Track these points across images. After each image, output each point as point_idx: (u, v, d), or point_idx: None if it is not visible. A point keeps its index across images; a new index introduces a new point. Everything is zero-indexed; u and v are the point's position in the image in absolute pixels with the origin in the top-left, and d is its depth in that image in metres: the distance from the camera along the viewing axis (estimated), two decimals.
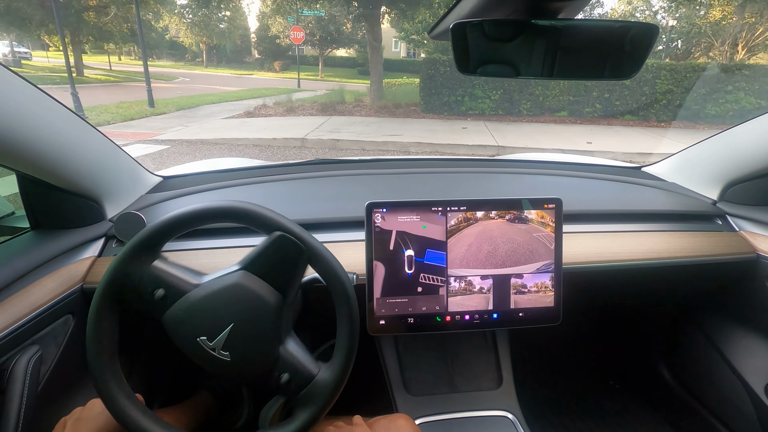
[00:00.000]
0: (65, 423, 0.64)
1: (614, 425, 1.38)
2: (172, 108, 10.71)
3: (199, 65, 31.91)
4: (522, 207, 0.85)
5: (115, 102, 10.85)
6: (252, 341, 0.62)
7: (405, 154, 6.95)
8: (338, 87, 14.38)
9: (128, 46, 27.66)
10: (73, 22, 17.16)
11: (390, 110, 10.74)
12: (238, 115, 10.20)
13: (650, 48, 0.58)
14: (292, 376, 0.62)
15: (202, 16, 25.29)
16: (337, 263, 0.64)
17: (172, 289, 0.62)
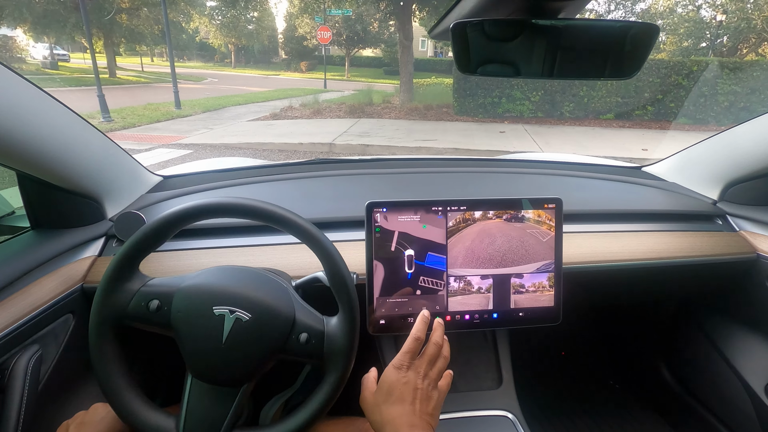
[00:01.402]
0: (68, 426, 0.64)
1: (614, 425, 1.37)
2: (198, 110, 10.57)
3: (227, 66, 32.33)
4: (522, 207, 0.84)
5: (143, 104, 10.81)
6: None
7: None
8: (365, 87, 13.95)
9: (160, 47, 28.24)
10: (107, 24, 17.47)
11: (421, 112, 10.24)
12: (263, 117, 9.95)
13: (651, 47, 0.58)
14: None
15: (231, 17, 25.65)
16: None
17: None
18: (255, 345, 0.61)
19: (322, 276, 0.72)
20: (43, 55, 21.45)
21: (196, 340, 0.60)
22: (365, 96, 12.37)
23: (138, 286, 0.62)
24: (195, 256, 0.87)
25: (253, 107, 11.81)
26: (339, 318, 0.65)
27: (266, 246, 0.90)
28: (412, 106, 10.69)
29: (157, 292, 0.62)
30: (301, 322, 0.63)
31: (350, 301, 0.64)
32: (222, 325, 0.60)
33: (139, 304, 0.61)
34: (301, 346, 0.62)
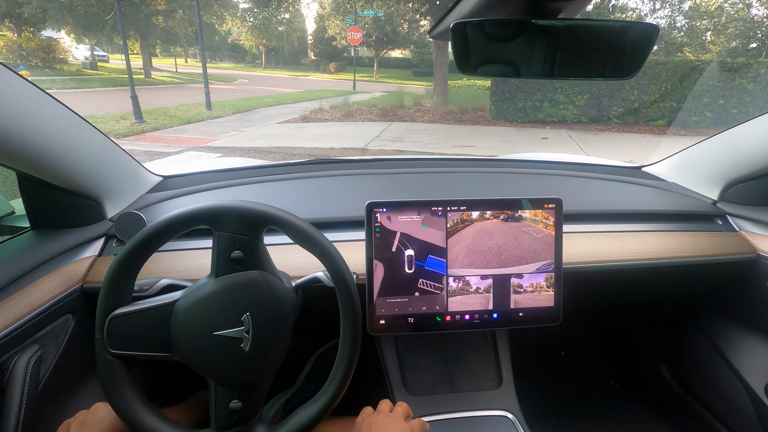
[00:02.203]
0: (69, 426, 0.64)
1: (614, 425, 1.36)
2: (228, 111, 10.49)
3: (257, 67, 32.74)
4: (522, 207, 0.83)
5: (176, 104, 10.82)
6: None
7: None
8: (395, 89, 13.59)
9: (194, 48, 28.84)
10: (143, 26, 17.85)
11: (456, 116, 9.79)
12: (293, 119, 9.74)
13: (650, 48, 0.57)
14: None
15: (263, 19, 25.97)
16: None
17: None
18: (217, 362, 0.60)
19: (322, 276, 0.72)
20: (84, 56, 22.15)
21: (210, 306, 0.60)
22: (396, 98, 11.99)
23: (252, 234, 0.62)
24: (195, 257, 0.87)
25: (283, 109, 11.66)
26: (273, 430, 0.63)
27: (266, 246, 0.90)
28: (446, 110, 10.24)
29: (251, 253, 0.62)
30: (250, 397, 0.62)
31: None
32: (230, 326, 0.59)
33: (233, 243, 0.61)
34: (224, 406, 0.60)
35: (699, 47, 16.45)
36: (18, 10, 16.06)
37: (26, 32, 17.43)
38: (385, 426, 0.65)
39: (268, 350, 0.62)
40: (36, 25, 17.45)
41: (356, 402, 0.77)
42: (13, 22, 17.10)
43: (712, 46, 16.74)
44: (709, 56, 12.34)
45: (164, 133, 7.92)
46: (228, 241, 0.61)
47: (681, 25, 17.35)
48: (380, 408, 0.70)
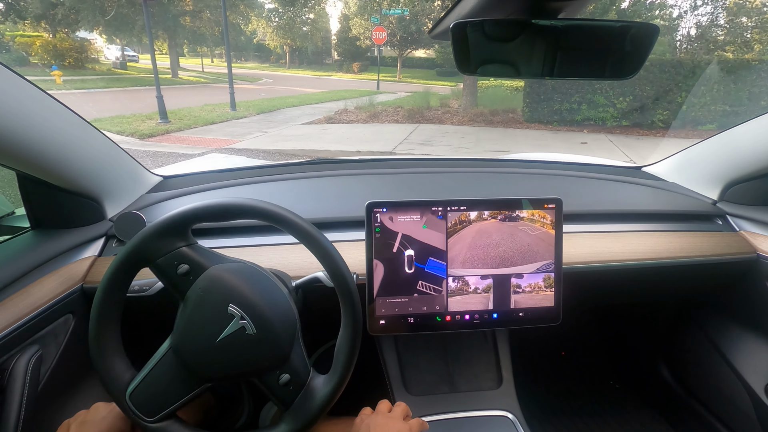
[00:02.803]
0: (69, 425, 0.63)
1: (614, 425, 1.36)
2: (252, 111, 10.38)
3: (282, 67, 33.01)
4: (522, 207, 0.83)
5: (201, 104, 10.79)
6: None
7: None
8: (421, 89, 13.22)
9: (220, 48, 29.26)
10: (171, 27, 18.09)
11: (486, 118, 9.37)
12: (318, 121, 9.52)
13: (650, 48, 0.57)
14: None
15: (288, 19, 26.13)
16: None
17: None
18: (241, 359, 0.60)
19: (322, 276, 0.72)
20: (115, 56, 22.71)
21: (197, 322, 0.60)
22: (422, 99, 11.61)
23: (181, 244, 0.63)
24: None
25: (307, 109, 11.48)
26: (327, 379, 0.64)
27: (266, 246, 0.89)
28: (476, 111, 9.81)
29: (193, 260, 0.62)
30: (291, 364, 0.62)
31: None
32: (226, 324, 0.60)
33: (171, 262, 0.61)
34: (277, 386, 0.62)
35: (743, 46, 15.39)
36: (52, 11, 16.49)
37: (61, 33, 17.91)
38: (383, 426, 0.65)
39: (272, 319, 0.62)
40: (70, 26, 17.91)
41: (356, 402, 0.78)
42: (49, 23, 17.59)
43: (758, 45, 15.70)
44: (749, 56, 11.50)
45: (188, 133, 7.82)
46: (166, 264, 0.61)
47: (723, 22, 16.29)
48: (379, 408, 0.70)
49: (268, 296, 0.63)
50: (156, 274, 0.62)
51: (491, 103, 10.30)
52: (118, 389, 0.60)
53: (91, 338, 0.60)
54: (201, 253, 0.64)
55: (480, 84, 12.38)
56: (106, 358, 0.61)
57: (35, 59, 16.14)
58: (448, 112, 10.19)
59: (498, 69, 0.61)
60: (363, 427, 0.66)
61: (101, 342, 0.61)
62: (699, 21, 14.28)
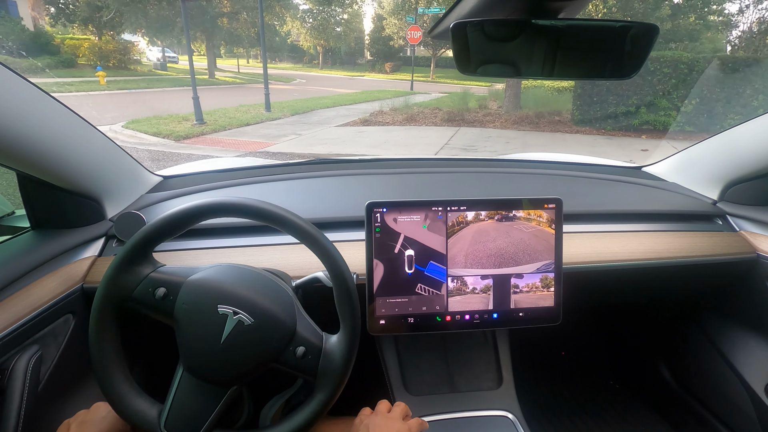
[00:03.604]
0: (69, 425, 0.63)
1: (614, 425, 1.36)
2: (287, 112, 10.22)
3: (314, 67, 33.28)
4: (522, 207, 0.83)
5: (236, 105, 10.74)
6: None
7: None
8: (460, 90, 12.68)
9: (255, 49, 29.73)
10: (209, 28, 18.40)
11: (531, 121, 8.77)
12: (353, 123, 9.22)
13: (650, 48, 0.57)
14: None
15: (321, 20, 26.25)
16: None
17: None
18: (252, 350, 0.61)
19: (322, 276, 0.72)
20: (156, 58, 23.41)
21: (196, 335, 0.60)
22: (461, 100, 11.09)
23: (148, 271, 0.62)
24: (195, 256, 0.87)
25: (342, 110, 11.22)
26: (339, 336, 0.64)
27: (266, 246, 0.89)
28: (521, 114, 9.22)
29: (166, 280, 0.62)
30: (301, 336, 0.63)
31: (352, 306, 0.64)
32: (223, 325, 0.60)
33: (146, 289, 0.61)
34: (296, 359, 0.62)
35: None
36: (98, 14, 17.10)
37: (106, 35, 18.57)
38: (383, 427, 0.65)
39: (263, 301, 0.62)
40: (115, 29, 18.55)
41: (356, 402, 0.78)
42: (95, 26, 18.27)
43: None
44: None
45: (223, 135, 7.71)
46: (142, 295, 0.61)
47: None
48: (378, 408, 0.70)
49: (253, 284, 0.63)
50: (137, 308, 0.61)
51: (535, 105, 9.66)
52: (151, 426, 0.60)
53: (105, 386, 0.60)
54: (171, 271, 0.63)
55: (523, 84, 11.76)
56: (127, 401, 0.60)
57: (82, 60, 16.78)
58: (489, 114, 9.64)
59: (498, 69, 0.60)
60: (362, 428, 0.66)
61: (115, 387, 0.60)
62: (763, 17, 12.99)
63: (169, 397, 0.61)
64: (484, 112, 9.93)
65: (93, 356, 0.59)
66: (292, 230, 0.63)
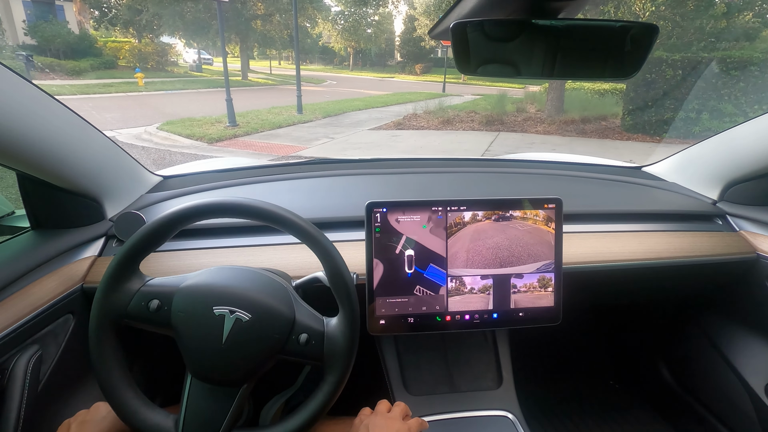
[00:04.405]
0: (69, 425, 0.63)
1: (614, 425, 1.35)
2: (318, 114, 10.06)
3: (345, 68, 33.43)
4: (522, 207, 0.83)
5: (268, 107, 10.69)
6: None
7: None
8: (497, 93, 12.16)
9: (287, 51, 30.02)
10: (243, 30, 18.63)
11: (577, 127, 8.20)
12: (386, 126, 8.94)
13: (650, 48, 0.57)
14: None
15: (353, 21, 26.33)
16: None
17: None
18: (255, 345, 0.61)
19: (322, 276, 0.72)
20: (192, 59, 23.99)
21: (196, 340, 0.60)
22: (498, 103, 10.60)
23: (138, 286, 0.62)
24: (195, 256, 0.87)
25: (374, 113, 10.98)
26: (339, 318, 0.64)
27: (266, 246, 0.89)
28: (565, 119, 8.67)
29: (157, 292, 0.62)
30: (301, 323, 0.63)
31: (351, 302, 0.64)
32: (222, 326, 0.60)
33: (140, 304, 0.61)
34: (300, 347, 0.62)
35: None
36: (138, 18, 17.61)
37: (146, 38, 19.13)
38: (382, 427, 0.65)
39: (256, 294, 0.62)
40: (154, 32, 19.09)
41: (356, 402, 0.77)
42: (135, 29, 18.83)
43: None
44: None
45: (255, 138, 7.59)
46: (136, 310, 0.61)
47: None
48: (378, 409, 0.70)
49: (243, 281, 0.63)
50: (134, 324, 0.61)
51: (580, 110, 9.06)
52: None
53: (118, 408, 0.59)
54: (160, 282, 0.63)
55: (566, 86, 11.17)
56: (141, 417, 0.60)
57: (123, 62, 17.34)
58: (530, 118, 9.11)
59: (498, 69, 0.59)
60: (362, 428, 0.66)
61: (128, 404, 0.60)
62: None
63: (183, 405, 0.61)
64: (523, 116, 9.40)
65: (100, 376, 0.59)
66: (292, 230, 0.63)
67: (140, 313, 0.60)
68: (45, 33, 14.98)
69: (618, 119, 8.38)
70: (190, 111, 9.41)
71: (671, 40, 8.83)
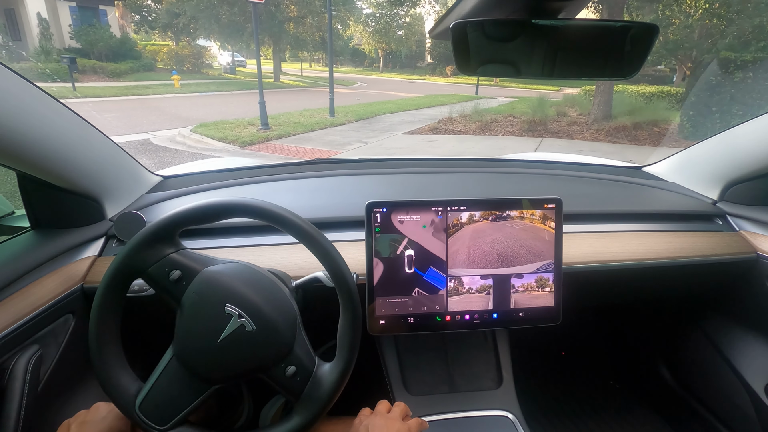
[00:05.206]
0: (69, 426, 0.63)
1: (614, 425, 1.35)
2: (351, 118, 9.85)
3: (375, 70, 33.42)
4: (522, 207, 0.83)
5: (300, 109, 10.57)
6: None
7: None
8: (537, 96, 11.58)
9: (318, 53, 30.19)
10: (276, 33, 18.79)
11: (628, 133, 7.59)
12: (420, 130, 8.60)
13: (650, 48, 0.57)
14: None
15: (384, 23, 26.27)
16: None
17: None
18: (245, 357, 0.60)
19: (322, 276, 0.72)
20: (226, 62, 24.46)
21: (197, 326, 0.60)
22: (538, 106, 10.02)
23: (170, 251, 0.62)
24: None
25: (406, 116, 10.67)
26: (332, 366, 0.64)
27: (266, 246, 0.89)
28: (615, 125, 8.03)
29: (184, 264, 0.62)
30: (296, 355, 0.63)
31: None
32: (225, 324, 0.60)
33: (163, 269, 0.61)
34: (285, 378, 0.62)
35: None
36: (175, 21, 18.03)
37: (183, 41, 19.59)
38: (382, 427, 0.65)
39: (271, 313, 0.62)
40: (190, 35, 19.52)
41: (356, 402, 0.77)
42: (173, 32, 19.32)
43: None
44: None
45: (288, 142, 7.43)
46: (157, 273, 0.61)
47: None
48: (378, 409, 0.70)
49: (264, 292, 0.63)
50: (149, 283, 0.62)
51: (630, 114, 8.39)
52: (126, 402, 0.60)
53: (93, 353, 0.60)
54: (191, 257, 0.63)
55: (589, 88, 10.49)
56: (110, 373, 0.60)
57: (161, 65, 17.80)
58: (575, 123, 8.53)
59: (498, 69, 0.59)
60: (362, 428, 0.66)
61: (103, 357, 0.60)
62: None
63: (151, 378, 0.61)
64: (567, 120, 8.80)
65: (92, 320, 0.59)
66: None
67: (159, 277, 0.61)
68: (89, 37, 15.54)
69: (670, 125, 7.73)
70: (223, 113, 9.40)
71: (726, 40, 8.09)
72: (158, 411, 0.59)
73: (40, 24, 14.34)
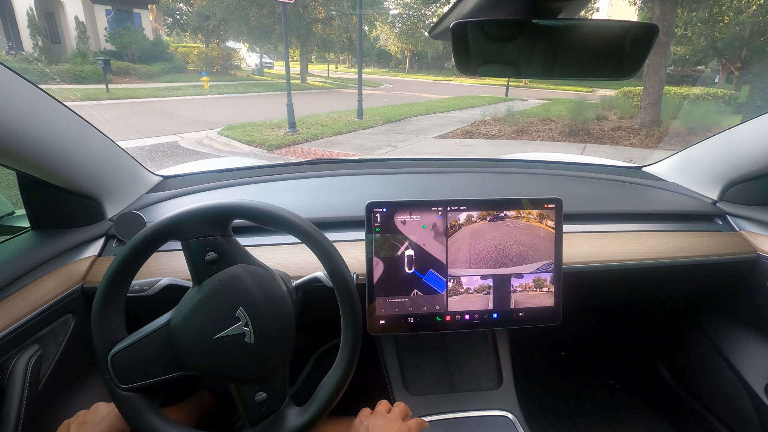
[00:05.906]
0: (69, 426, 0.63)
1: (614, 425, 1.35)
2: (379, 120, 9.56)
3: (401, 71, 33.24)
4: (522, 207, 0.83)
5: (327, 111, 10.38)
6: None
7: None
8: (576, 98, 11.00)
9: (344, 54, 30.16)
10: (304, 34, 18.77)
11: (682, 139, 6.99)
12: (452, 134, 8.22)
13: (650, 47, 0.56)
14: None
15: (411, 24, 26.06)
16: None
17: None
18: (230, 362, 0.60)
19: (322, 276, 0.72)
20: (254, 63, 24.72)
21: (203, 311, 0.60)
22: (576, 109, 9.46)
23: (218, 233, 0.62)
24: None
25: (436, 119, 10.30)
26: (301, 411, 0.63)
27: (266, 246, 0.89)
28: (668, 130, 7.43)
29: (224, 251, 0.62)
30: (272, 386, 0.62)
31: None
32: (229, 325, 0.59)
33: (204, 247, 0.61)
34: (251, 401, 0.61)
35: None
36: (206, 23, 18.26)
37: (212, 43, 19.83)
38: (382, 427, 0.65)
39: (273, 336, 0.62)
40: (220, 37, 19.74)
41: (356, 402, 0.77)
42: (203, 35, 19.59)
43: None
44: None
45: (315, 145, 7.21)
46: (197, 247, 0.61)
47: None
48: (378, 409, 0.70)
49: (277, 312, 0.63)
50: (185, 252, 0.61)
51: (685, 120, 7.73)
52: (103, 347, 0.60)
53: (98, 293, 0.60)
54: (233, 247, 0.63)
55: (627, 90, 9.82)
56: (101, 319, 0.60)
57: (191, 66, 18.05)
58: (620, 128, 7.96)
59: (498, 69, 0.60)
60: (362, 428, 0.66)
61: (107, 298, 0.60)
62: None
63: (137, 334, 0.61)
64: (610, 125, 8.25)
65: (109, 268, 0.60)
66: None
67: (198, 253, 0.61)
68: (123, 39, 15.91)
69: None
70: (251, 115, 9.30)
71: None
72: (127, 368, 0.59)
73: (77, 27, 14.77)
